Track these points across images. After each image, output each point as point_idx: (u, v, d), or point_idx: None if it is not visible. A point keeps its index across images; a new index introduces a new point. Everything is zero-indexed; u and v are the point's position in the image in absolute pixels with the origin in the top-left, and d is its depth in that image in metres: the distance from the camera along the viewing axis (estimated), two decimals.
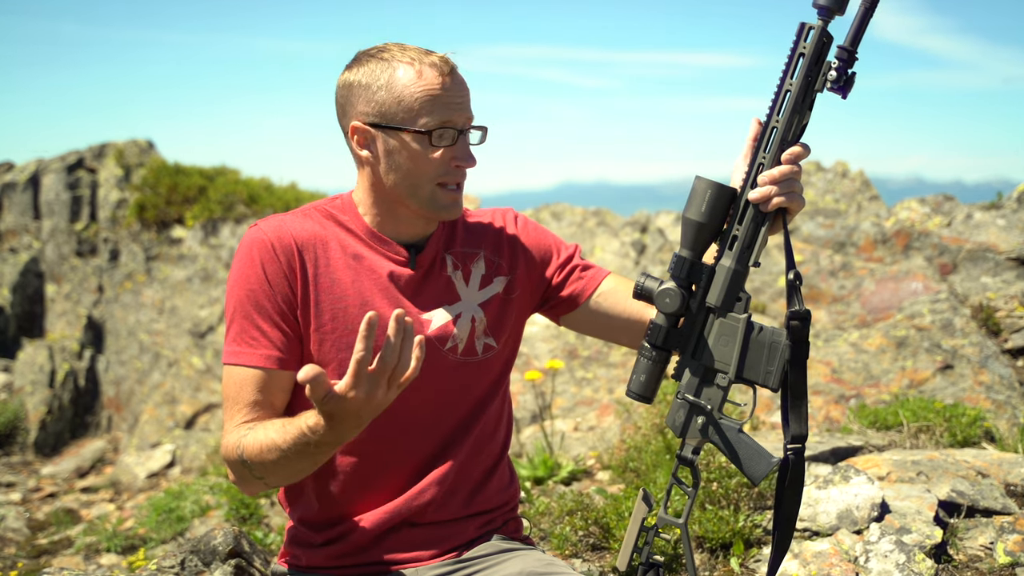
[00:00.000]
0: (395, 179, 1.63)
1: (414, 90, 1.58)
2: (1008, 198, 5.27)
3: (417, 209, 1.66)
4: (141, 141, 9.09)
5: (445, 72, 1.60)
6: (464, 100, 1.63)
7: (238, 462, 1.56)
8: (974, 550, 2.41)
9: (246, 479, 1.58)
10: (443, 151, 1.61)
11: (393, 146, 1.61)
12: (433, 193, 1.64)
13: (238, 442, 1.55)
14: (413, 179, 1.62)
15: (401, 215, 1.68)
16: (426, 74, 1.59)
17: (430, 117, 1.59)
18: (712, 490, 2.66)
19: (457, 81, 1.62)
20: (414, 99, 1.58)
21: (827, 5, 1.43)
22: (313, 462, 1.51)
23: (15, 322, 8.36)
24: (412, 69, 1.59)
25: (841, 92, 1.46)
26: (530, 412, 4.68)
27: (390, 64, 1.60)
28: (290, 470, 1.53)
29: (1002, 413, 3.61)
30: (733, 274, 1.51)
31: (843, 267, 5.11)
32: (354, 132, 1.64)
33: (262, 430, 1.53)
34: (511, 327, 1.79)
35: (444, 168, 1.62)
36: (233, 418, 1.60)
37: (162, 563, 2.14)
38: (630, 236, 6.50)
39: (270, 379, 1.61)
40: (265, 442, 1.51)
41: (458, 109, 1.61)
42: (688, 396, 1.53)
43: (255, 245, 1.62)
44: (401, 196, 1.65)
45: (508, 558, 1.71)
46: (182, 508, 4.08)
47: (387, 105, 1.60)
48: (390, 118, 1.60)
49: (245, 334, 1.61)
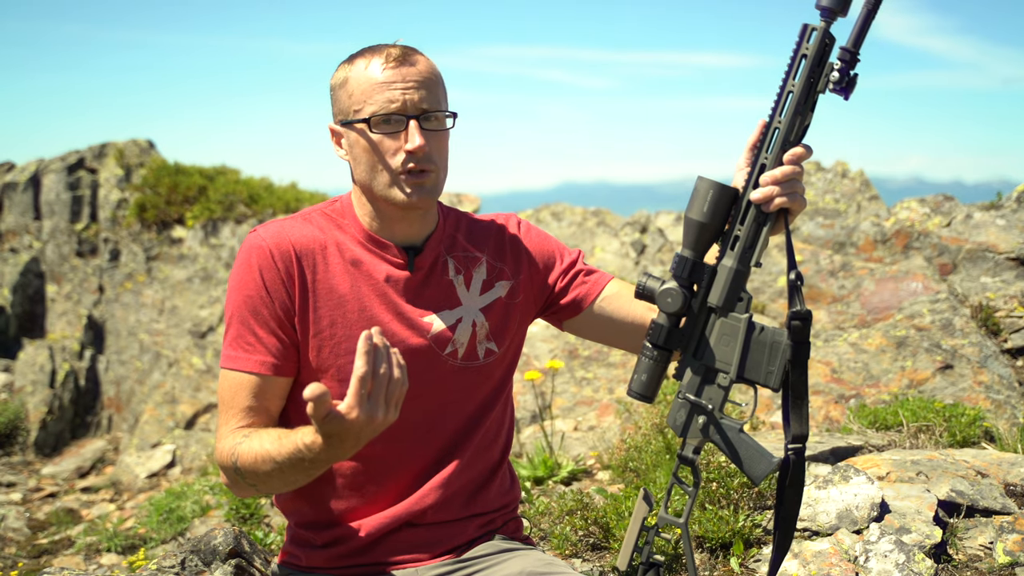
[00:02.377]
0: (361, 173, 1.65)
1: (360, 81, 1.60)
2: (1008, 198, 5.27)
3: (384, 201, 1.64)
4: (141, 141, 9.09)
5: (391, 58, 1.59)
6: (410, 84, 1.59)
7: (231, 469, 1.55)
8: (974, 550, 2.42)
9: (239, 484, 1.58)
10: (388, 138, 1.59)
11: (353, 140, 1.63)
12: (393, 182, 1.61)
13: (233, 449, 1.55)
14: (371, 171, 1.62)
15: (386, 212, 1.68)
16: (372, 65, 1.60)
17: (374, 105, 1.59)
18: (712, 490, 2.66)
19: (404, 68, 1.59)
20: (359, 90, 1.60)
21: (829, 6, 1.43)
22: (307, 476, 1.50)
23: (15, 322, 8.36)
24: (363, 63, 1.61)
25: (843, 93, 1.47)
26: (530, 412, 4.68)
27: (351, 64, 1.63)
28: (283, 481, 1.52)
29: (1002, 413, 3.61)
30: (735, 274, 1.51)
31: (843, 267, 5.12)
32: (332, 135, 1.68)
33: (257, 439, 1.52)
34: (513, 332, 1.78)
35: (393, 155, 1.60)
36: (228, 422, 1.60)
37: (162, 563, 2.14)
38: (630, 236, 6.50)
39: (265, 385, 1.61)
40: (260, 452, 1.50)
41: (400, 96, 1.58)
42: (689, 396, 1.54)
43: (254, 252, 1.63)
44: (373, 191, 1.65)
45: (508, 558, 1.71)
46: (182, 508, 4.08)
47: (343, 102, 1.63)
48: (346, 113, 1.63)
49: (241, 339, 1.61)
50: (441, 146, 1.64)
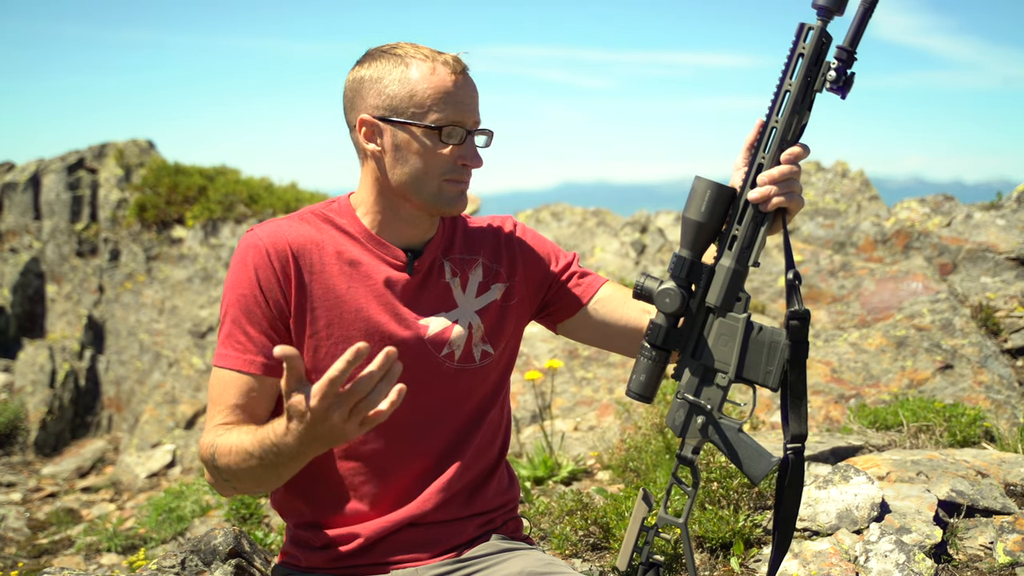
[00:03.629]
0: (401, 173, 1.64)
1: (426, 86, 1.59)
2: (1008, 198, 5.27)
3: (421, 204, 1.66)
4: (141, 141, 9.09)
5: (458, 71, 1.61)
6: (474, 101, 1.64)
7: (210, 462, 1.56)
8: (974, 550, 2.41)
9: (217, 481, 1.58)
10: (451, 149, 1.62)
11: (402, 140, 1.62)
12: (440, 188, 1.64)
13: (212, 441, 1.55)
14: (420, 174, 1.63)
15: (403, 213, 1.68)
16: (439, 71, 1.60)
17: (441, 114, 1.60)
18: (712, 490, 2.66)
19: (468, 82, 1.63)
20: (426, 95, 1.59)
21: (826, 5, 1.43)
22: (277, 475, 1.50)
23: (15, 322, 8.36)
24: (426, 66, 1.60)
25: (840, 92, 1.46)
26: (530, 412, 4.68)
27: (403, 60, 1.62)
28: (256, 478, 1.52)
29: (1002, 413, 3.61)
30: (733, 274, 1.51)
31: (843, 267, 5.11)
32: (362, 125, 1.64)
33: (236, 434, 1.53)
34: (509, 334, 1.79)
35: (451, 166, 1.63)
36: (213, 419, 1.61)
37: (162, 563, 2.14)
38: (630, 236, 6.50)
39: (253, 384, 1.61)
40: (236, 445, 1.50)
41: (468, 109, 1.62)
42: (688, 396, 1.53)
43: (250, 251, 1.63)
44: (406, 191, 1.65)
45: (508, 558, 1.71)
46: (182, 508, 4.08)
47: (398, 99, 1.61)
48: (401, 112, 1.61)
49: (233, 338, 1.62)
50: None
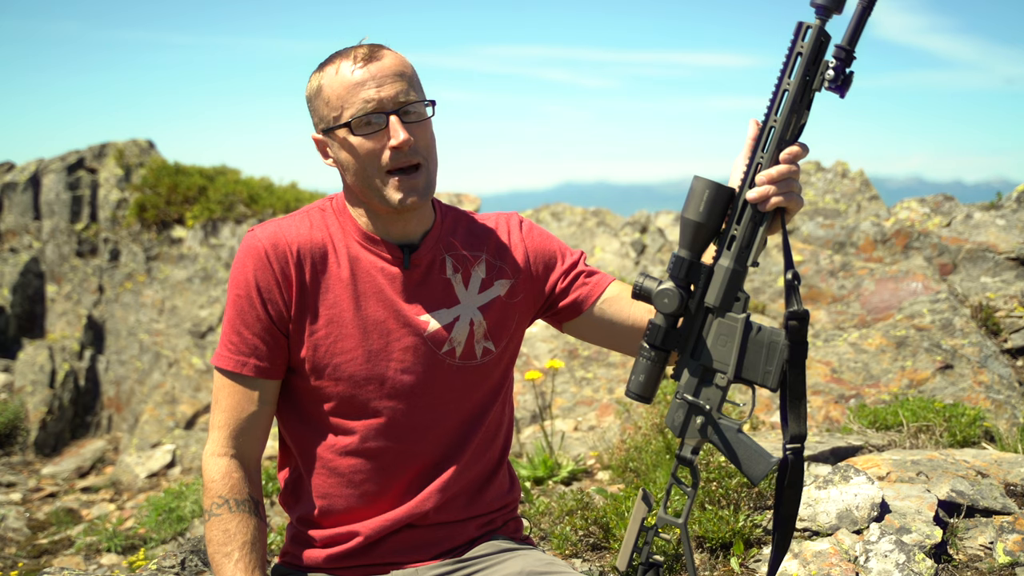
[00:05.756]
0: (352, 179, 1.63)
1: (334, 87, 1.59)
2: (1008, 198, 5.27)
3: (379, 204, 1.63)
4: (141, 141, 9.09)
5: (359, 58, 1.58)
6: (385, 82, 1.57)
7: (207, 503, 1.63)
8: (974, 550, 2.41)
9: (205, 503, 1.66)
10: (372, 138, 1.58)
11: (337, 147, 1.62)
12: (384, 181, 1.60)
13: (210, 505, 1.63)
14: (362, 174, 1.61)
15: (380, 214, 1.67)
16: (342, 69, 1.59)
17: (352, 108, 1.57)
18: (712, 490, 2.66)
19: (376, 65, 1.58)
20: (335, 96, 1.59)
21: (825, 4, 1.42)
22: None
23: (15, 322, 8.36)
24: (332, 68, 1.60)
25: (839, 91, 1.46)
26: (530, 412, 4.68)
27: (321, 72, 1.62)
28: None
29: (1002, 413, 3.61)
30: (731, 274, 1.50)
31: (843, 267, 5.11)
32: (317, 145, 1.67)
33: (221, 525, 1.61)
34: (512, 332, 1.77)
35: (380, 155, 1.58)
36: (215, 422, 1.65)
37: (162, 563, 2.14)
38: (630, 236, 6.50)
39: (248, 385, 1.63)
40: (215, 535, 1.60)
41: (377, 93, 1.56)
42: (687, 396, 1.53)
43: (249, 253, 1.63)
44: (364, 194, 1.64)
45: (508, 558, 1.71)
46: (182, 508, 4.08)
47: (323, 110, 1.61)
48: (327, 121, 1.61)
49: (228, 339, 1.64)
50: (426, 136, 1.61)
